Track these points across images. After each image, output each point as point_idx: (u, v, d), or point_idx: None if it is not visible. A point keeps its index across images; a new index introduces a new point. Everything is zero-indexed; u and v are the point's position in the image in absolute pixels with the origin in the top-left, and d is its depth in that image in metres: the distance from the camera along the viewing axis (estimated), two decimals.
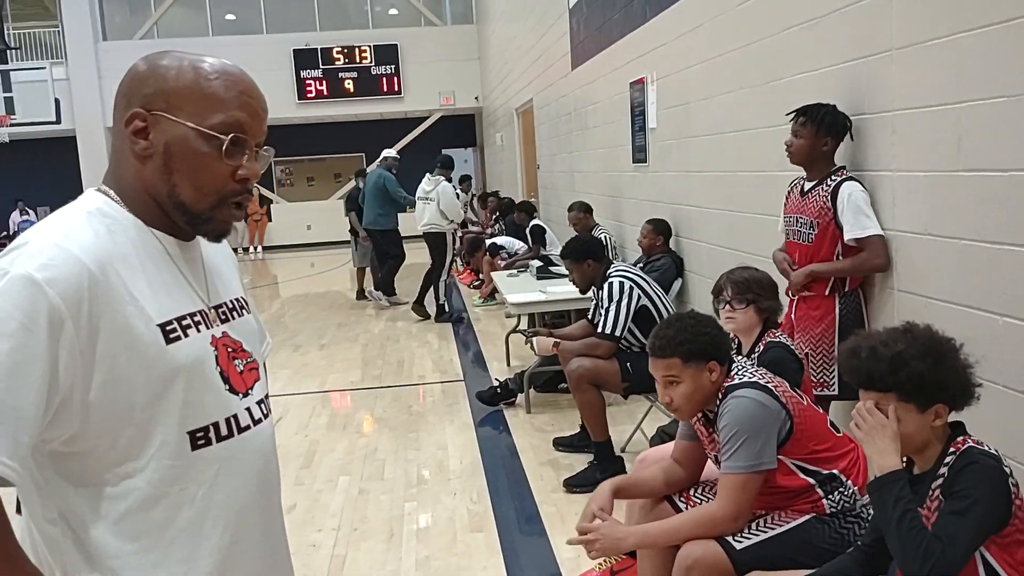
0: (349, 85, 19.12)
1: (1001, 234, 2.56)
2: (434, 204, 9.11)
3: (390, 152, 10.19)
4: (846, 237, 3.16)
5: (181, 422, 1.21)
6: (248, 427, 1.30)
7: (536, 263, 7.17)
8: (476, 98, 19.41)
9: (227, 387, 1.28)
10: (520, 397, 5.74)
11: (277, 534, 1.41)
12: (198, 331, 1.26)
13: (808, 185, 3.33)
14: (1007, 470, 1.83)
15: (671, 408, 2.49)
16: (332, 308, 10.88)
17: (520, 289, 6.18)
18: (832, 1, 3.49)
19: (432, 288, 9.26)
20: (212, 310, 1.31)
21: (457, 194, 10.12)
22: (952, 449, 1.88)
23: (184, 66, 1.25)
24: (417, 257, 9.64)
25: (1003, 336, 2.58)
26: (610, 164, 7.62)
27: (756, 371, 2.46)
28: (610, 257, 4.86)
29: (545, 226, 9.42)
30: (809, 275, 3.27)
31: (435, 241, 9.23)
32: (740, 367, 2.46)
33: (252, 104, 1.30)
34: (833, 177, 3.24)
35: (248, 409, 1.31)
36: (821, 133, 3.25)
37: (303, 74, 19.02)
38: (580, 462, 4.57)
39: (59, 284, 1.10)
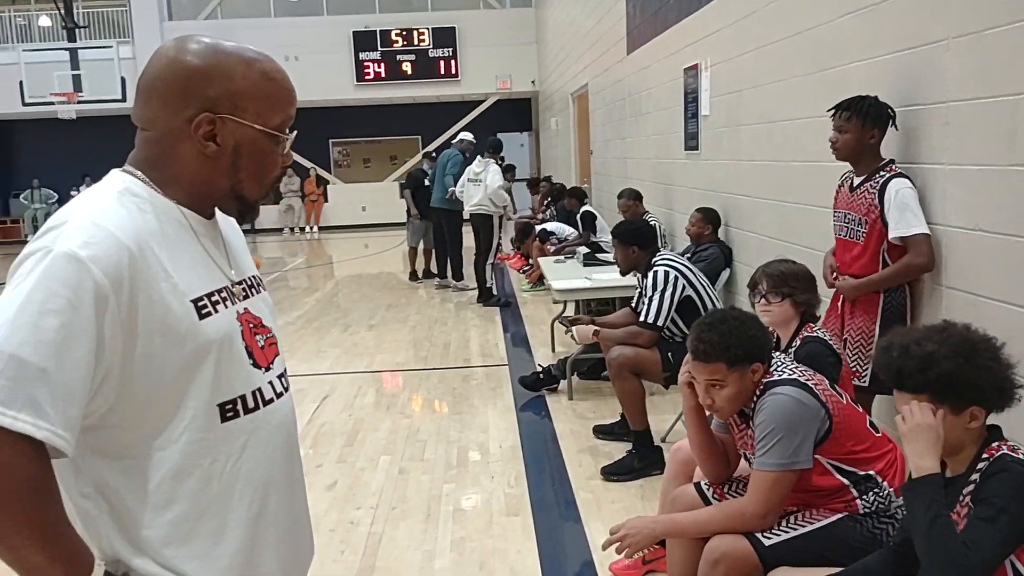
0: (407, 67, 19.21)
1: None
2: (483, 186, 9.16)
3: (467, 135, 10.24)
4: (891, 235, 3.08)
5: (212, 395, 1.25)
6: (272, 400, 1.34)
7: (583, 249, 7.14)
8: (532, 82, 19.35)
9: (251, 361, 1.31)
10: (563, 383, 5.75)
11: (300, 504, 1.45)
12: (225, 307, 1.29)
13: (857, 180, 3.26)
14: None
15: (712, 409, 2.46)
16: (384, 289, 11.00)
17: (565, 275, 6.17)
18: None
19: (479, 273, 9.31)
20: (235, 286, 1.34)
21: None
22: (986, 455, 1.83)
23: (245, 65, 1.28)
24: (469, 240, 9.71)
25: None
26: (662, 151, 7.55)
27: (796, 367, 2.42)
28: (659, 246, 4.83)
29: (596, 212, 9.37)
30: (857, 290, 3.21)
31: (482, 223, 9.29)
32: (780, 363, 2.42)
33: (295, 97, 1.36)
34: (882, 173, 3.16)
35: (271, 383, 1.35)
36: (868, 125, 3.17)
37: (361, 56, 19.15)
38: (619, 450, 4.57)
39: (102, 262, 1.14)
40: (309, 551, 1.49)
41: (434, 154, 11.12)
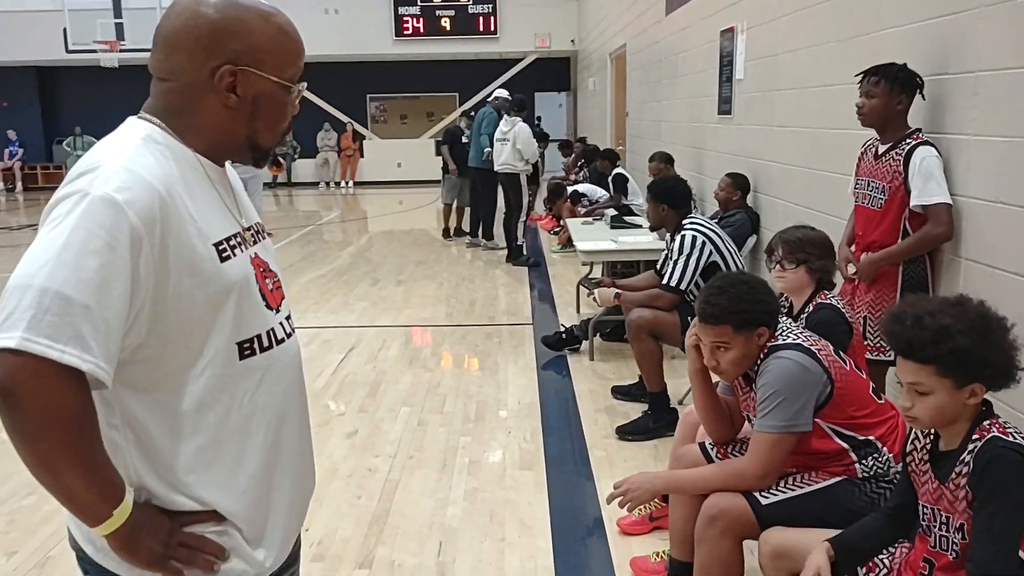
0: (445, 23, 19.11)
1: None
2: (510, 144, 9.18)
3: (502, 92, 10.22)
4: (912, 203, 3.06)
5: (232, 334, 1.32)
6: (283, 340, 1.42)
7: (611, 212, 7.14)
8: (572, 41, 19.15)
9: (264, 303, 1.38)
10: (584, 344, 5.80)
11: (307, 438, 1.53)
12: (241, 251, 1.36)
13: (883, 148, 3.23)
14: None
15: (717, 371, 2.49)
16: (415, 245, 11.08)
17: (592, 237, 6.19)
18: None
19: (510, 231, 9.36)
20: (245, 232, 1.40)
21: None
22: (976, 435, 1.84)
23: (263, 21, 1.34)
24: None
25: None
26: (695, 115, 7.48)
27: (801, 332, 2.44)
28: (690, 208, 4.81)
29: (628, 175, 9.34)
30: (873, 265, 3.20)
31: (509, 182, 9.35)
32: (785, 327, 2.44)
33: (304, 51, 1.41)
34: (908, 140, 3.14)
35: (281, 324, 1.43)
36: (896, 91, 3.14)
37: (400, 11, 19.07)
38: (636, 411, 4.61)
39: (136, 205, 1.20)
40: (312, 483, 1.56)
41: (472, 112, 11.12)
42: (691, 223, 4.55)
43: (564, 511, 3.60)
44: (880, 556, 2.12)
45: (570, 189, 10.45)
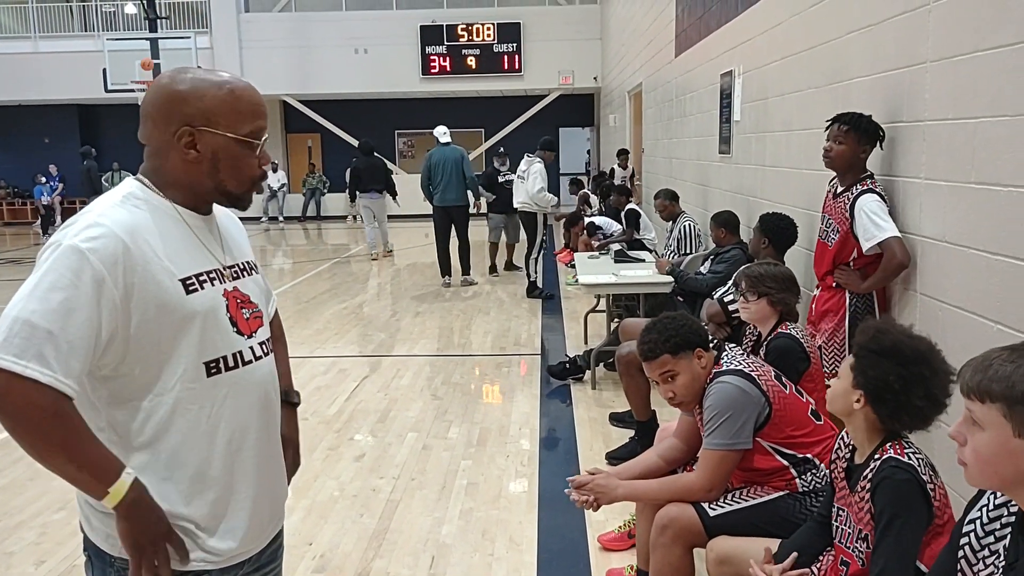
0: (471, 62, 19.62)
1: (998, 245, 2.69)
2: (525, 183, 9.52)
3: (440, 130, 10.90)
4: (865, 248, 3.30)
5: (198, 355, 1.59)
6: (251, 361, 1.68)
7: (616, 247, 7.40)
8: (595, 78, 19.55)
9: (235, 329, 1.66)
10: (588, 374, 6.04)
11: (276, 446, 1.79)
12: (212, 285, 1.63)
13: (840, 189, 3.49)
14: (923, 478, 1.98)
15: (674, 403, 2.73)
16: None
17: (596, 271, 6.44)
18: (886, 8, 3.61)
19: (526, 266, 9.68)
20: (227, 269, 1.69)
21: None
22: (877, 455, 2.04)
23: (215, 87, 1.62)
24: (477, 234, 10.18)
25: (997, 343, 2.71)
26: (702, 153, 7.75)
27: (745, 359, 2.69)
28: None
29: (640, 211, 9.59)
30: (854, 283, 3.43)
31: (527, 220, 9.69)
32: (730, 356, 2.69)
33: (263, 111, 1.68)
34: (858, 186, 3.39)
35: (251, 347, 1.69)
36: (863, 142, 3.40)
37: (428, 50, 19.61)
38: (629, 436, 4.84)
39: (99, 252, 1.49)
40: (282, 488, 1.83)
41: (502, 150, 11.55)
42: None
43: (551, 530, 3.84)
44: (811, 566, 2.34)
45: (587, 220, 10.75)
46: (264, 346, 1.73)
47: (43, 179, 20.39)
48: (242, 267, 1.75)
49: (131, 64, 16.21)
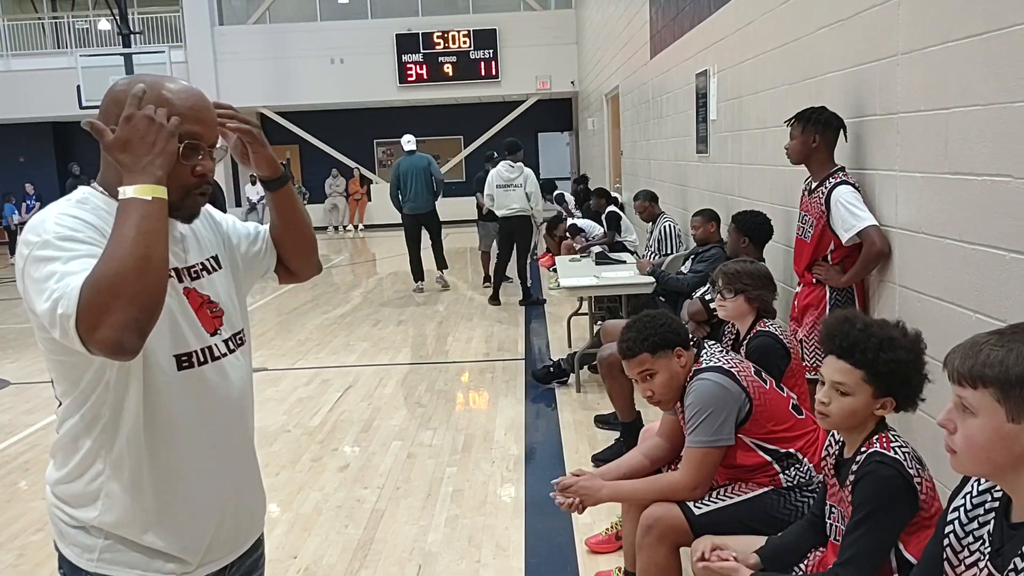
0: (448, 69, 19.60)
1: (974, 235, 2.70)
2: (521, 190, 9.41)
3: (409, 142, 10.79)
4: (844, 240, 3.31)
5: (170, 349, 1.58)
6: (221, 356, 1.67)
7: (597, 249, 7.40)
8: (572, 82, 19.59)
9: (200, 327, 1.64)
10: (572, 377, 6.02)
11: (248, 444, 1.78)
12: (172, 284, 1.60)
13: (814, 185, 3.50)
14: (909, 472, 1.98)
15: (653, 401, 2.71)
16: None
17: (577, 273, 6.43)
18: (856, 2, 3.62)
19: (519, 272, 9.60)
20: (184, 270, 1.66)
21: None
22: (864, 447, 2.04)
23: (148, 88, 1.54)
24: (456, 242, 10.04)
25: (976, 331, 2.71)
26: (679, 153, 7.77)
27: (724, 356, 2.68)
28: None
29: (620, 213, 9.60)
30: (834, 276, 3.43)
31: (520, 225, 9.52)
32: (709, 353, 2.68)
33: (202, 115, 1.60)
34: (831, 180, 3.40)
35: (217, 344, 1.67)
36: (808, 131, 3.46)
37: (404, 58, 19.59)
38: (615, 438, 4.82)
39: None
40: (257, 487, 1.82)
41: (493, 154, 11.10)
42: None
43: (538, 534, 3.82)
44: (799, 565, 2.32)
45: (569, 222, 10.75)
46: (229, 343, 1.70)
47: (12, 198, 20.17)
48: (203, 266, 1.71)
49: (105, 80, 16.05)
